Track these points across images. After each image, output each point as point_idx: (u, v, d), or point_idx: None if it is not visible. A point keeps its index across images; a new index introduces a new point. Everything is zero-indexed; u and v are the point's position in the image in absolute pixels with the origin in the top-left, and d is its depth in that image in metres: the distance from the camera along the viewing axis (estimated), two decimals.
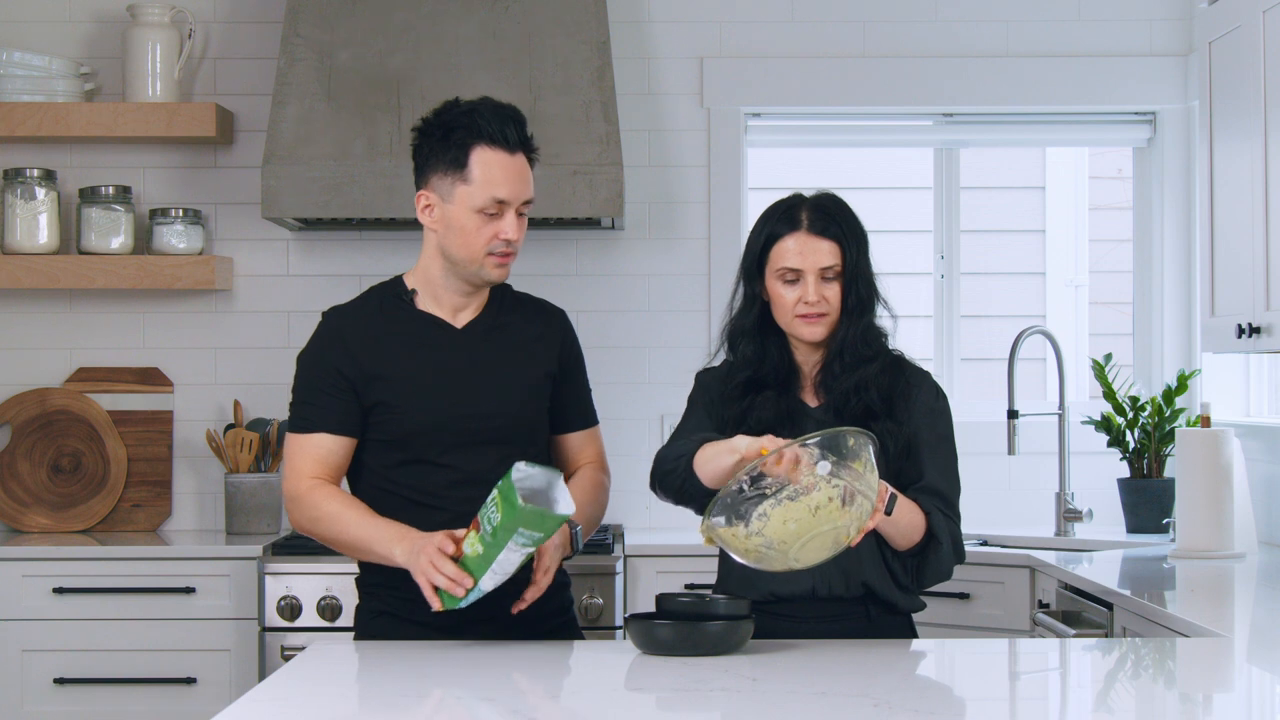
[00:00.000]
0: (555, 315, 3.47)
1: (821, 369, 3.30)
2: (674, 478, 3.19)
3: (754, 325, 3.31)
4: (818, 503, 2.90)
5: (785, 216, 3.26)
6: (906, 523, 3.17)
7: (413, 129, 3.34)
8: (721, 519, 2.96)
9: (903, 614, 3.32)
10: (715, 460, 3.07)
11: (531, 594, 3.19)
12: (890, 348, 3.32)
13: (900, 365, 3.32)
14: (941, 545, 3.21)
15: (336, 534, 3.28)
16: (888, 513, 3.06)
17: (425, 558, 3.10)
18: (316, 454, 3.31)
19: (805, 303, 3.22)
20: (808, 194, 3.31)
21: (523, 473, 3.08)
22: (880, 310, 3.30)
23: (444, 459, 3.30)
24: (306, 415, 3.33)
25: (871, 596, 3.26)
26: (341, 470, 3.35)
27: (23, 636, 4.75)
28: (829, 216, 3.25)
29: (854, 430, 2.95)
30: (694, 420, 3.34)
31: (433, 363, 3.32)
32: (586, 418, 3.51)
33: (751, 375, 3.30)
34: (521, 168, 3.27)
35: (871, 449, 2.96)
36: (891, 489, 3.08)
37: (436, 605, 3.11)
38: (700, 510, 3.07)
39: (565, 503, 3.10)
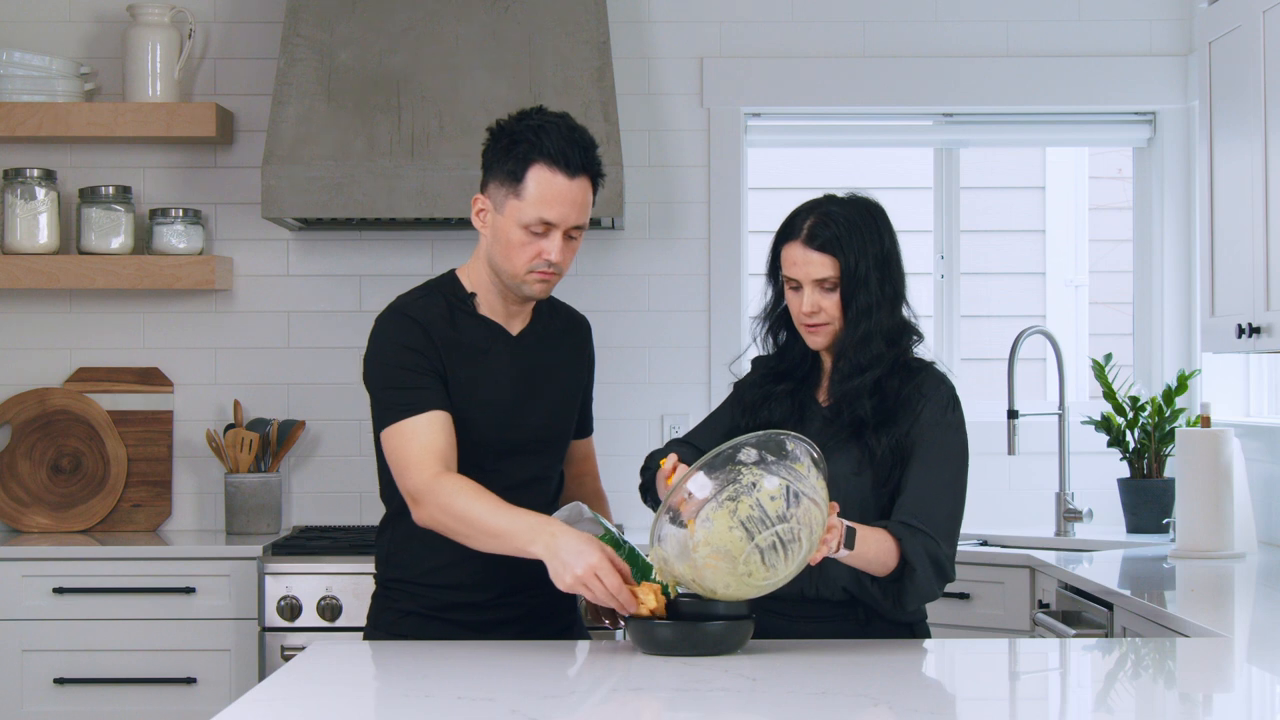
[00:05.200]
0: (584, 326, 3.50)
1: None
2: (647, 483, 3.32)
3: (777, 320, 3.34)
4: (760, 502, 2.86)
5: (791, 223, 3.26)
6: (874, 553, 3.08)
7: (487, 129, 3.29)
8: (667, 525, 2.92)
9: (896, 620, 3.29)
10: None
11: None
12: (914, 354, 3.27)
13: (912, 371, 3.26)
14: (917, 571, 3.11)
15: (471, 523, 3.11)
16: (849, 546, 3.01)
17: (588, 570, 2.99)
18: (429, 438, 3.15)
19: (803, 312, 3.24)
20: (840, 194, 3.27)
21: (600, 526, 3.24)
22: (905, 314, 3.26)
23: (495, 465, 3.29)
24: (410, 400, 3.19)
25: (856, 600, 3.23)
26: (454, 454, 3.20)
27: (23, 636, 4.75)
28: (828, 228, 3.20)
29: (792, 435, 2.93)
30: (715, 414, 3.40)
31: (494, 371, 3.30)
32: (591, 424, 3.59)
33: (775, 365, 3.34)
34: (579, 192, 3.20)
35: (812, 456, 2.92)
36: (848, 524, 3.02)
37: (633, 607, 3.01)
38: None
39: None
